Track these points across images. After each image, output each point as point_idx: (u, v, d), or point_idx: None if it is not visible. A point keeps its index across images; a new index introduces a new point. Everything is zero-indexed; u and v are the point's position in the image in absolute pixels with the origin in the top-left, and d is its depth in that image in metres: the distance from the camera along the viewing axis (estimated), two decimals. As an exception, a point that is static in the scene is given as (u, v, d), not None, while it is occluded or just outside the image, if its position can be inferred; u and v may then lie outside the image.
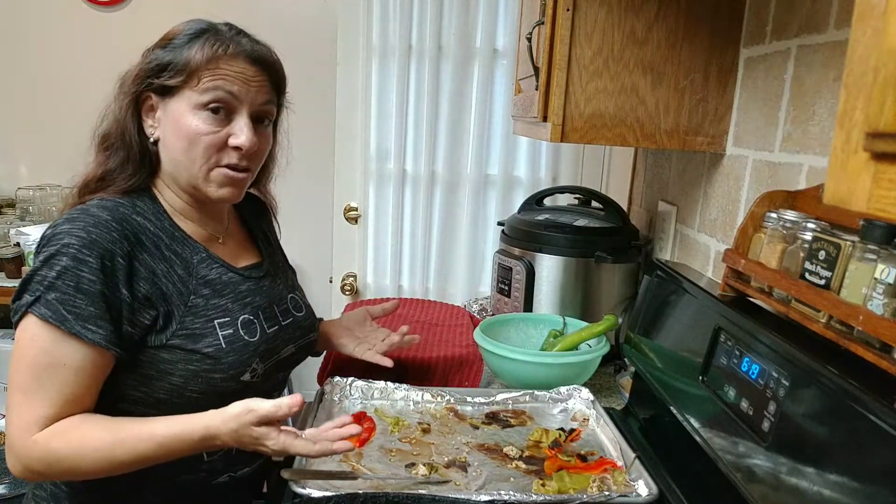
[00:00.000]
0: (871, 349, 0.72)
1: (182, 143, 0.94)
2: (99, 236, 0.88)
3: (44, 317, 0.85)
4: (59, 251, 0.86)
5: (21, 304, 0.87)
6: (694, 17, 1.29)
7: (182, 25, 0.97)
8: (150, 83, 0.95)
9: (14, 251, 2.51)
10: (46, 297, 0.85)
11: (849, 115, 0.41)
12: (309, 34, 2.88)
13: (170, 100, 0.94)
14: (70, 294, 0.85)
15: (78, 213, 0.90)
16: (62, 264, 0.85)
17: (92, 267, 0.86)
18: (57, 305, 0.85)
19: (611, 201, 1.73)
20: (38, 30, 3.02)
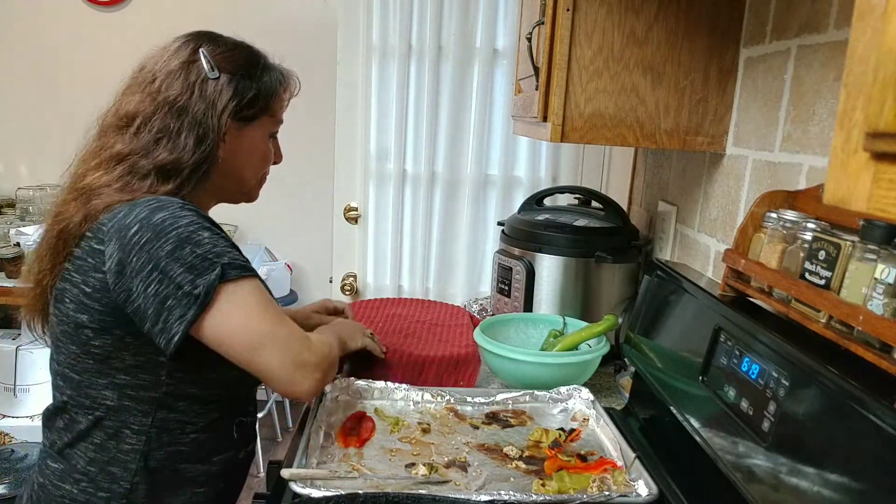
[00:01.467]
0: (871, 349, 0.72)
1: (254, 165, 1.07)
2: (196, 209, 0.95)
3: (237, 277, 0.91)
4: (190, 228, 0.90)
5: (209, 284, 0.88)
6: (694, 17, 1.29)
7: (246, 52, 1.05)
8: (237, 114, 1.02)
9: (14, 251, 2.51)
10: (223, 262, 0.90)
11: (849, 115, 0.41)
12: (309, 34, 2.88)
13: (245, 125, 1.04)
14: (231, 251, 0.93)
15: (157, 202, 0.92)
16: (205, 235, 0.91)
17: (216, 230, 0.94)
18: (238, 264, 0.92)
19: (611, 201, 1.73)
20: (38, 30, 3.02)
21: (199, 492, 1.02)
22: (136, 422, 0.97)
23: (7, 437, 2.52)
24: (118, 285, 0.90)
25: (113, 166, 0.96)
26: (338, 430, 1.13)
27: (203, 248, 0.90)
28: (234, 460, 1.08)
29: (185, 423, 0.99)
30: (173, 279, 0.88)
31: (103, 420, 0.97)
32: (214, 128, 0.98)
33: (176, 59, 0.99)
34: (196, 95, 0.98)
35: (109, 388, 0.96)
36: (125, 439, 0.97)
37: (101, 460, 0.97)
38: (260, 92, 1.03)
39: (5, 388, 2.53)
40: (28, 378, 2.52)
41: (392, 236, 2.86)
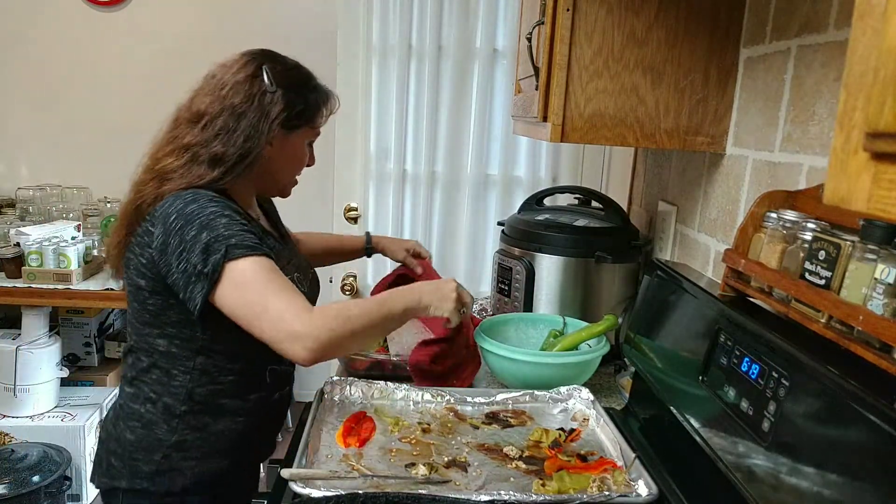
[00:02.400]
0: (871, 349, 0.72)
1: (292, 166, 1.27)
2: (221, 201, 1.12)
3: (242, 255, 1.06)
4: (210, 217, 1.08)
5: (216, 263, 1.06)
6: (694, 17, 1.29)
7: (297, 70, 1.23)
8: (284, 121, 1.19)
9: (14, 251, 2.51)
10: (230, 244, 1.06)
11: (849, 115, 0.41)
12: (309, 34, 2.88)
13: (290, 133, 1.22)
14: (242, 233, 1.08)
15: (193, 195, 1.11)
16: (221, 221, 1.08)
17: (236, 218, 1.10)
18: (243, 244, 1.07)
19: (611, 201, 1.73)
20: (38, 30, 3.02)
21: (238, 420, 1.22)
22: (181, 365, 1.18)
23: (7, 437, 2.52)
24: (162, 261, 1.10)
25: (181, 154, 1.16)
26: (338, 431, 1.13)
27: (216, 233, 1.07)
28: (269, 400, 1.27)
29: (221, 368, 1.19)
30: (192, 259, 1.07)
31: (158, 361, 1.19)
32: (264, 132, 1.17)
33: (243, 72, 1.18)
34: (255, 104, 1.16)
35: (161, 338, 1.18)
36: (175, 377, 1.18)
37: (158, 391, 1.19)
38: (307, 107, 1.22)
39: (5, 388, 2.52)
40: (28, 378, 2.52)
41: (392, 236, 2.86)
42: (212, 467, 1.21)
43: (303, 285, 1.28)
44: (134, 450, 1.19)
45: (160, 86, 3.03)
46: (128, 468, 1.19)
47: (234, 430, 1.22)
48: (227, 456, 1.23)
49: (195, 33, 2.96)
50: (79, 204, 2.98)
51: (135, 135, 3.16)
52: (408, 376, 1.42)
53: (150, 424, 1.19)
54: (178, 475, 1.19)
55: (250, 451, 1.30)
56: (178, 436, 1.18)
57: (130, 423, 1.20)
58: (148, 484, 1.18)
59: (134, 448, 1.19)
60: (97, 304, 2.55)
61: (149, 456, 1.18)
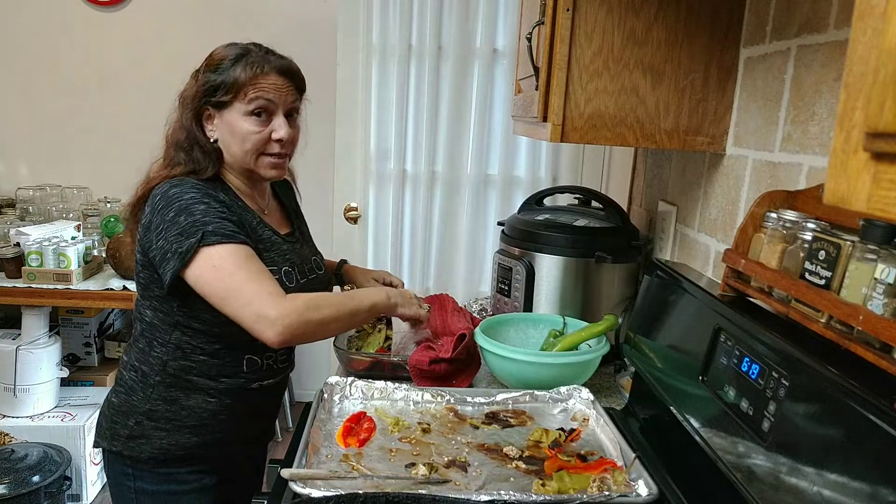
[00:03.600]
0: (871, 349, 0.72)
1: (237, 142, 1.25)
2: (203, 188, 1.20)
3: (216, 242, 1.14)
4: (188, 203, 1.16)
5: (190, 246, 1.13)
6: (694, 17, 1.29)
7: (223, 51, 1.26)
8: (207, 101, 1.24)
9: (14, 251, 2.51)
10: (207, 230, 1.14)
11: (849, 115, 0.41)
12: (309, 34, 2.88)
13: (224, 111, 1.24)
14: (218, 221, 1.16)
15: (178, 182, 1.20)
16: (198, 208, 1.16)
17: (214, 206, 1.17)
18: (219, 231, 1.15)
19: (611, 201, 1.73)
20: (38, 30, 3.02)
21: (210, 401, 1.28)
22: (161, 337, 1.26)
23: (7, 437, 2.52)
24: (146, 238, 1.20)
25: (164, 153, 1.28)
26: (338, 431, 1.13)
27: (193, 217, 1.15)
28: (245, 388, 1.31)
29: (194, 346, 1.26)
30: (169, 239, 1.15)
31: (145, 331, 1.28)
32: (190, 116, 1.25)
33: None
34: (187, 92, 1.27)
35: (148, 309, 1.27)
36: (154, 348, 1.27)
37: (139, 359, 1.29)
38: (224, 81, 1.22)
39: (5, 388, 2.52)
40: (28, 378, 2.52)
41: (392, 236, 2.86)
42: (180, 441, 1.27)
43: (290, 279, 1.30)
44: (114, 413, 1.30)
45: (160, 86, 3.03)
46: (109, 430, 1.30)
47: (205, 408, 1.28)
48: (195, 433, 1.28)
49: (195, 33, 2.96)
50: (79, 204, 2.98)
51: (135, 135, 3.17)
52: (408, 376, 1.42)
53: (130, 391, 1.29)
54: (146, 443, 1.27)
55: (223, 433, 1.32)
56: (151, 405, 1.27)
57: (117, 388, 1.32)
58: (122, 447, 1.28)
59: (115, 411, 1.30)
60: (97, 304, 2.55)
61: (125, 420, 1.28)
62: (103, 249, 2.67)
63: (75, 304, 2.62)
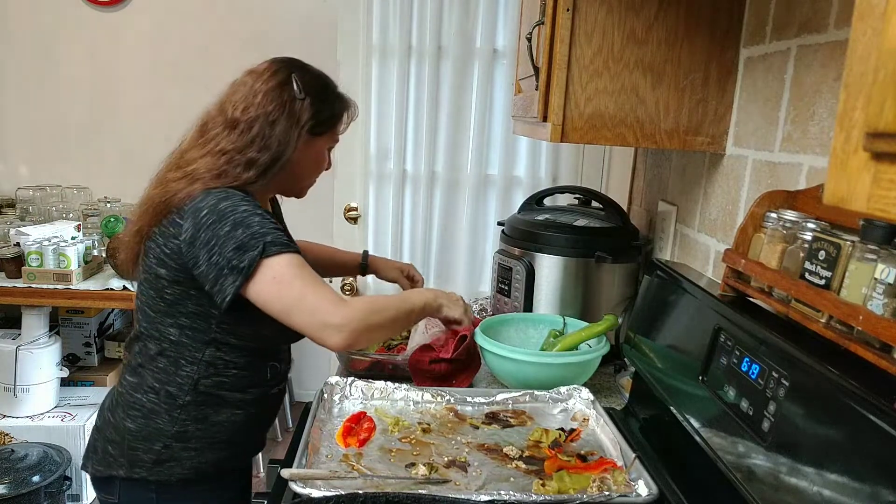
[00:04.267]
0: (871, 349, 0.72)
1: (313, 170, 1.33)
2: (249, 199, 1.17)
3: (278, 252, 1.12)
4: (244, 214, 1.13)
5: (252, 259, 1.10)
6: (694, 17, 1.29)
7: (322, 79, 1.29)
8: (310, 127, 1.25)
9: (14, 251, 2.51)
10: (266, 240, 1.12)
11: (849, 115, 0.41)
12: (309, 34, 2.88)
13: (315, 138, 1.28)
14: (274, 231, 1.14)
15: (224, 194, 1.16)
16: (255, 220, 1.13)
17: (266, 216, 1.15)
18: (278, 242, 1.13)
19: (611, 201, 1.73)
20: (38, 30, 3.02)
21: (237, 413, 1.26)
22: (190, 355, 1.21)
23: (7, 437, 2.52)
24: (189, 253, 1.13)
25: (218, 157, 1.20)
26: (338, 431, 1.13)
27: (252, 230, 1.12)
28: (267, 394, 1.32)
29: (227, 362, 1.23)
30: (225, 255, 1.10)
31: (167, 350, 1.21)
32: (294, 137, 1.23)
33: (274, 80, 1.22)
34: (286, 111, 1.22)
35: (174, 327, 1.21)
36: (182, 367, 1.21)
37: (163, 380, 1.22)
38: (332, 114, 1.29)
39: (5, 388, 2.52)
40: (28, 378, 2.52)
41: (392, 236, 2.86)
42: (210, 458, 1.24)
43: None
44: (133, 439, 1.21)
45: (160, 86, 3.04)
46: (127, 457, 1.21)
47: (234, 421, 1.26)
48: (225, 447, 1.26)
49: (195, 33, 2.96)
50: (79, 204, 2.98)
51: (135, 135, 3.16)
52: (408, 376, 1.42)
53: (151, 414, 1.22)
54: (176, 465, 1.22)
55: (248, 443, 1.34)
56: (180, 426, 1.21)
57: (131, 412, 1.22)
58: (146, 473, 1.21)
59: (133, 437, 1.21)
60: (97, 304, 2.55)
61: (148, 445, 1.21)
62: (103, 249, 2.67)
63: (75, 304, 2.62)
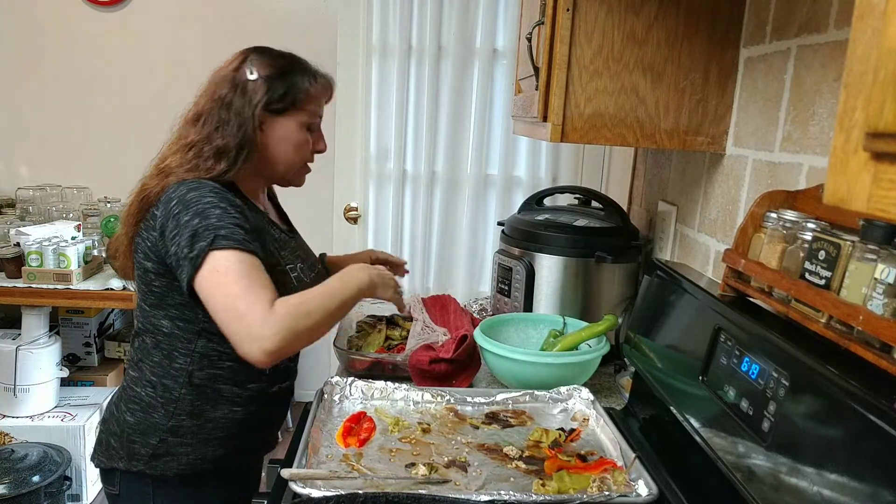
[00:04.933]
0: (871, 349, 0.72)
1: (288, 150, 1.27)
2: (221, 193, 1.17)
3: (227, 246, 1.10)
4: (206, 206, 1.13)
5: (201, 249, 1.10)
6: (694, 18, 1.29)
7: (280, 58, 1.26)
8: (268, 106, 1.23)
9: (14, 251, 2.51)
10: (219, 234, 1.11)
11: (849, 115, 0.41)
12: (309, 34, 2.88)
13: (279, 117, 1.25)
14: (231, 227, 1.12)
15: (195, 185, 1.16)
16: (215, 212, 1.13)
17: (230, 211, 1.14)
18: (230, 237, 1.11)
19: (611, 201, 1.73)
20: (38, 30, 3.02)
21: (236, 410, 1.25)
22: (183, 347, 1.22)
23: (7, 437, 2.52)
24: (161, 243, 1.16)
25: (186, 152, 1.21)
26: (338, 431, 1.13)
27: (208, 221, 1.11)
28: (267, 391, 1.29)
29: (221, 353, 1.22)
30: (181, 244, 1.12)
31: (161, 343, 1.23)
32: (250, 117, 1.21)
33: (230, 66, 1.25)
34: (238, 93, 1.21)
35: (165, 319, 1.22)
36: (176, 359, 1.22)
37: (159, 374, 1.23)
38: (289, 89, 1.23)
39: (5, 388, 2.52)
40: (28, 378, 2.52)
41: (392, 236, 2.86)
42: (207, 455, 1.24)
43: (306, 275, 1.31)
44: (132, 432, 1.23)
45: (160, 86, 3.04)
46: (125, 450, 1.23)
47: (232, 419, 1.25)
48: (222, 445, 1.25)
49: (195, 33, 2.96)
50: (79, 204, 2.98)
51: (135, 135, 3.17)
52: (408, 376, 1.42)
53: (148, 408, 1.23)
54: (172, 460, 1.22)
55: (248, 442, 1.31)
56: (175, 421, 1.22)
57: (131, 406, 1.24)
58: (144, 467, 1.23)
59: (132, 430, 1.23)
60: (97, 304, 2.55)
61: (145, 439, 1.22)
62: (103, 249, 2.67)
63: (75, 304, 2.63)
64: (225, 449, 1.26)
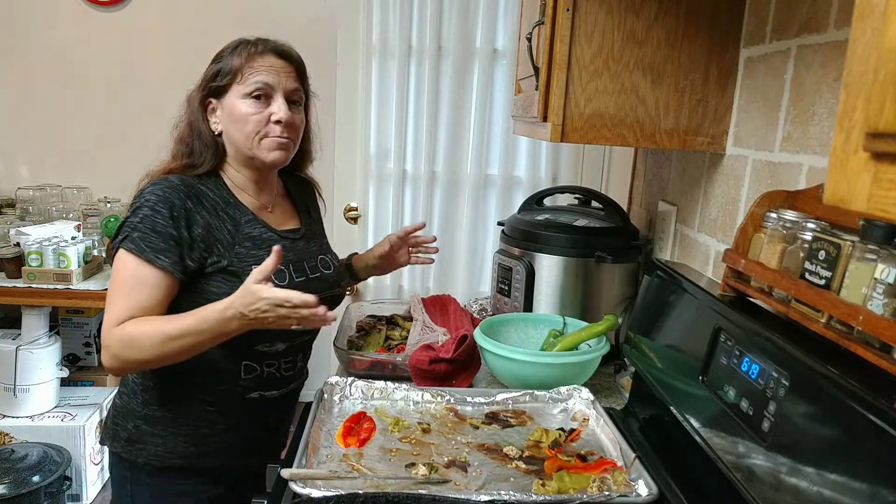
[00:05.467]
0: (871, 349, 0.72)
1: (237, 125, 1.24)
2: (170, 194, 1.19)
3: (129, 249, 1.16)
4: (143, 204, 1.18)
5: (116, 242, 1.19)
6: (694, 18, 1.29)
7: (226, 44, 1.29)
8: (208, 89, 1.26)
9: (14, 251, 2.51)
10: (132, 235, 1.16)
11: (849, 115, 0.41)
12: (309, 34, 2.88)
13: (223, 97, 1.25)
14: (147, 233, 1.16)
15: (160, 180, 1.21)
16: (143, 213, 1.17)
17: (164, 215, 1.17)
18: (139, 241, 1.16)
19: (611, 201, 1.73)
20: (38, 30, 3.01)
21: (208, 409, 1.27)
22: None
23: (7, 437, 2.52)
24: None
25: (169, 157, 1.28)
26: (338, 431, 1.13)
27: (133, 219, 1.18)
28: (243, 397, 1.29)
29: None
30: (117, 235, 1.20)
31: None
32: (197, 105, 1.27)
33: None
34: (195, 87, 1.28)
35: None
36: None
37: None
38: (223, 67, 1.25)
39: (5, 388, 2.52)
40: (28, 378, 2.52)
41: (392, 236, 2.85)
42: (176, 449, 1.26)
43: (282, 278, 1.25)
44: (116, 414, 1.31)
45: (160, 85, 3.03)
46: (111, 431, 1.31)
47: (203, 418, 1.27)
48: (192, 443, 1.27)
49: (194, 33, 2.96)
50: (79, 204, 2.98)
51: (135, 135, 3.17)
52: (408, 376, 1.42)
53: (131, 393, 1.29)
54: (143, 448, 1.27)
55: (224, 446, 1.29)
56: (148, 409, 1.27)
57: (121, 389, 1.33)
58: (121, 450, 1.29)
59: (117, 413, 1.31)
60: (97, 304, 2.55)
61: (125, 423, 1.29)
62: (103, 249, 2.67)
63: (75, 304, 2.62)
64: (195, 448, 1.26)
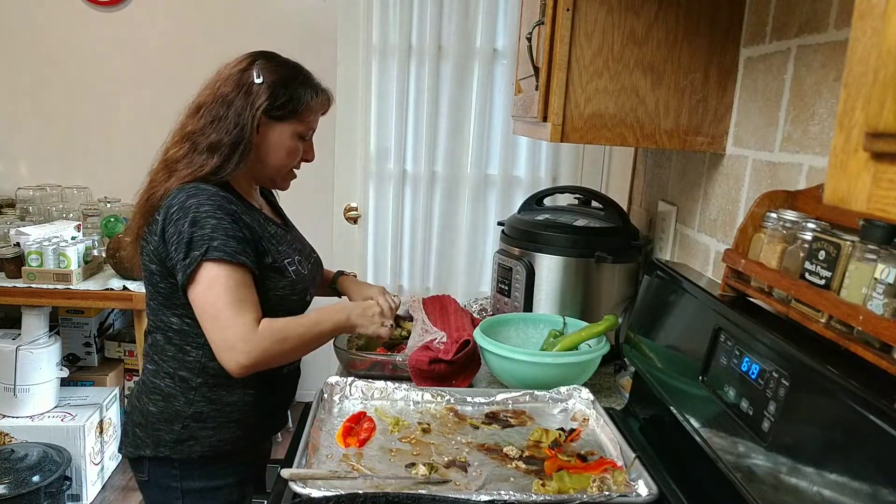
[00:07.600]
0: (871, 349, 0.72)
1: (277, 154, 1.33)
2: (220, 201, 1.22)
3: (219, 259, 1.19)
4: (202, 214, 1.20)
5: (194, 258, 1.19)
6: (694, 17, 1.29)
7: (286, 67, 1.32)
8: (269, 111, 1.28)
9: (14, 251, 2.51)
10: (212, 245, 1.18)
11: (849, 115, 0.41)
12: (309, 34, 2.88)
13: (277, 123, 1.30)
14: (226, 239, 1.20)
15: (195, 190, 1.22)
16: (210, 223, 1.19)
17: (227, 220, 1.21)
18: (224, 248, 1.19)
19: (611, 201, 1.73)
20: (38, 30, 3.02)
21: (249, 392, 1.33)
22: (193, 341, 1.29)
23: (7, 437, 2.52)
24: (162, 247, 1.23)
25: (184, 143, 1.27)
26: (338, 431, 1.13)
27: (203, 231, 1.19)
28: (278, 375, 1.38)
29: None
30: (180, 249, 1.19)
31: (173, 339, 1.30)
32: (249, 119, 1.26)
33: (237, 66, 1.29)
34: (242, 94, 1.27)
35: (174, 317, 1.29)
36: (188, 353, 1.30)
37: (175, 366, 1.31)
38: (291, 99, 1.29)
39: (5, 388, 2.52)
40: (28, 378, 2.52)
41: (392, 236, 2.86)
42: (227, 436, 1.33)
43: (303, 267, 1.38)
44: (156, 421, 1.31)
45: (160, 86, 3.04)
46: (151, 438, 1.31)
47: (247, 401, 1.33)
48: (240, 426, 1.34)
49: (195, 33, 2.96)
50: (79, 204, 2.98)
51: (135, 135, 3.17)
52: (408, 376, 1.42)
53: (169, 397, 1.31)
54: (195, 443, 1.31)
55: (263, 421, 1.40)
56: (195, 407, 1.30)
57: (153, 397, 1.32)
58: (170, 452, 1.31)
59: (156, 419, 1.31)
60: (97, 304, 2.55)
61: (169, 426, 1.30)
62: (103, 249, 2.67)
63: (75, 304, 2.63)
64: (242, 430, 1.34)
